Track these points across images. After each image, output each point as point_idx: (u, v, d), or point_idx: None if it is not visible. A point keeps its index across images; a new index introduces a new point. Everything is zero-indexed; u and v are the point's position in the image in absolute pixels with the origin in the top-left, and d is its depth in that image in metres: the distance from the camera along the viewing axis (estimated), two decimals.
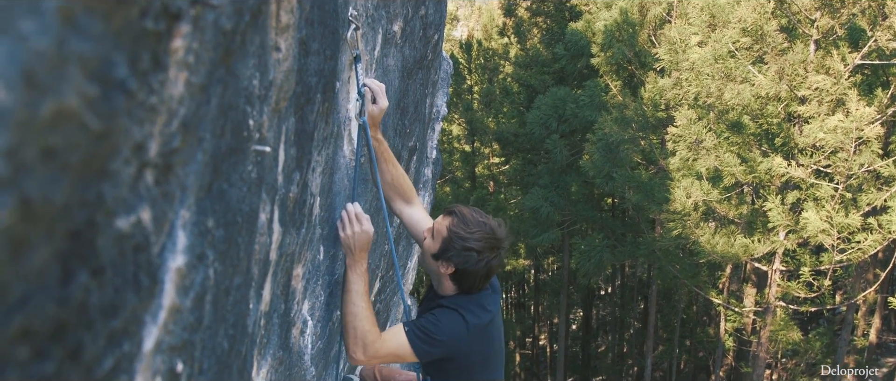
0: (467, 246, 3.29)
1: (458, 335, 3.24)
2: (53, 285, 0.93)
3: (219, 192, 1.66)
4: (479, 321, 3.31)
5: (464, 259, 3.30)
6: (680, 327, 28.16)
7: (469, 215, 3.36)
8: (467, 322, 3.27)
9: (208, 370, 1.80)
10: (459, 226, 3.33)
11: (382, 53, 4.40)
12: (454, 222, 3.35)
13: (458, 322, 3.26)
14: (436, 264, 3.41)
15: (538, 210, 21.76)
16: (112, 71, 0.95)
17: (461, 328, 3.25)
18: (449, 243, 3.32)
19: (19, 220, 0.82)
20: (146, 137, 1.15)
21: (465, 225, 3.32)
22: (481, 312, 3.35)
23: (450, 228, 3.34)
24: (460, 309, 3.30)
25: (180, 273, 1.43)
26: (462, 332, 3.25)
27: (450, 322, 3.25)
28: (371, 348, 3.20)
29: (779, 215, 15.66)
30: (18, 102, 0.77)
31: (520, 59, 27.02)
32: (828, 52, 15.42)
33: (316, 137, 3.16)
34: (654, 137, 19.90)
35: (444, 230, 3.35)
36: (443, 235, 3.35)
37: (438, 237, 3.38)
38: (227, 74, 1.60)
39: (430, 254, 3.43)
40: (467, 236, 3.29)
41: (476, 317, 3.30)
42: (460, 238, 3.30)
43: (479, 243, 3.29)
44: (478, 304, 3.38)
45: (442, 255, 3.36)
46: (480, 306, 3.38)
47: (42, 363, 0.94)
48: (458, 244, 3.30)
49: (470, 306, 3.34)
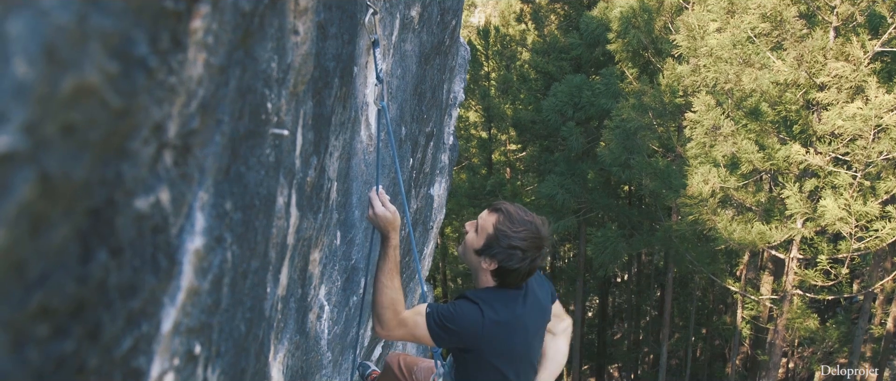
0: (513, 245, 3.26)
1: (473, 328, 3.22)
2: (73, 263, 0.93)
3: (237, 175, 1.66)
4: (498, 316, 3.28)
5: (508, 256, 3.28)
6: (696, 315, 28.08)
7: (515, 213, 3.33)
8: (484, 316, 3.24)
9: (226, 353, 1.81)
10: (505, 224, 3.30)
11: (400, 38, 4.39)
12: (500, 220, 3.32)
13: (475, 314, 3.24)
14: (477, 260, 3.38)
15: (554, 197, 21.70)
16: (133, 48, 0.95)
17: (476, 321, 3.23)
18: (494, 241, 3.29)
19: (39, 196, 0.81)
20: (165, 118, 1.14)
21: (511, 223, 3.29)
22: (503, 308, 3.32)
23: (496, 225, 3.31)
24: (481, 303, 3.27)
25: (198, 255, 1.43)
26: (477, 324, 3.23)
27: (466, 313, 3.24)
28: (391, 323, 3.20)
29: (796, 202, 15.56)
30: (39, 77, 0.77)
31: (537, 46, 26.90)
32: (847, 39, 15.28)
33: (333, 121, 3.16)
34: (672, 124, 19.80)
35: (491, 227, 3.32)
36: (488, 231, 3.32)
37: (483, 234, 3.35)
38: (246, 57, 1.60)
39: (472, 249, 3.40)
40: (513, 235, 3.26)
41: (495, 312, 3.28)
42: (506, 236, 3.27)
43: (524, 242, 3.26)
44: (503, 301, 3.35)
45: (486, 251, 3.33)
46: (505, 303, 3.35)
47: (61, 342, 0.94)
48: (504, 242, 3.27)
49: (493, 301, 3.31)
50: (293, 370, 3.41)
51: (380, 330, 3.25)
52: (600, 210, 24.54)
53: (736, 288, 20.76)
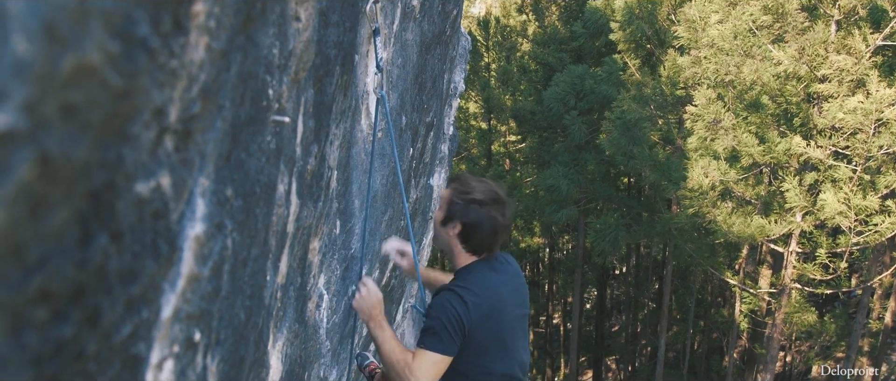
0: (470, 198, 3.28)
1: (458, 311, 3.18)
2: (73, 247, 0.92)
3: (237, 161, 1.65)
4: (480, 300, 3.24)
5: (467, 212, 3.29)
6: (694, 307, 28.10)
7: (468, 177, 3.41)
8: (466, 301, 3.20)
9: (225, 341, 1.80)
10: (460, 185, 3.36)
11: (401, 28, 4.37)
12: (455, 185, 3.38)
13: (456, 302, 3.19)
14: (444, 232, 3.38)
15: (556, 187, 21.69)
16: (134, 28, 0.94)
17: (460, 308, 3.19)
18: (452, 203, 3.31)
19: (39, 177, 0.80)
20: (166, 102, 1.13)
21: (465, 183, 3.35)
22: (482, 291, 3.28)
23: (452, 189, 3.36)
24: (458, 289, 3.23)
25: (199, 241, 1.42)
26: (461, 311, 3.19)
27: (447, 305, 3.18)
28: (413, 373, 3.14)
29: (796, 196, 15.55)
30: (39, 55, 0.76)
31: (538, 37, 26.87)
32: (849, 33, 15.25)
33: (334, 109, 3.15)
34: (672, 116, 19.79)
35: (448, 194, 3.37)
36: (446, 199, 3.36)
37: (443, 204, 3.37)
38: (248, 42, 1.59)
39: (438, 224, 3.41)
40: (469, 190, 3.30)
41: (476, 296, 3.23)
42: (463, 193, 3.30)
43: (481, 195, 3.29)
44: (480, 284, 3.31)
45: (448, 219, 3.34)
46: (482, 286, 3.31)
47: (60, 326, 0.93)
48: (461, 200, 3.29)
49: (470, 286, 3.27)
50: (292, 359, 3.40)
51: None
52: (600, 201, 24.56)
53: (734, 281, 20.77)
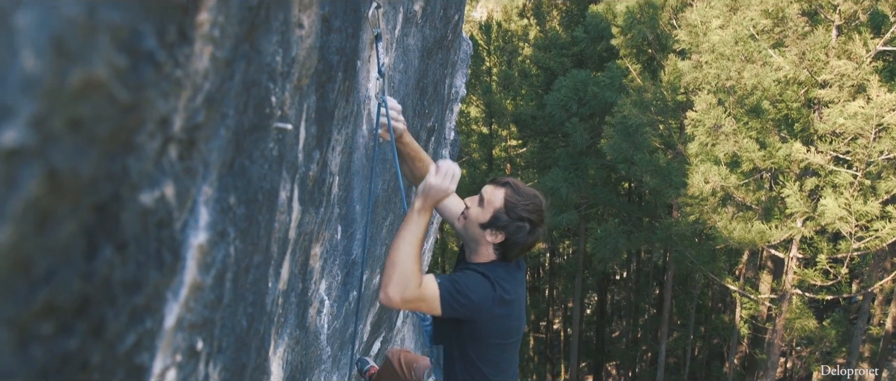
0: (522, 216, 3.29)
1: (484, 300, 3.21)
2: (79, 260, 0.92)
3: (241, 168, 1.65)
4: (507, 295, 3.30)
5: (516, 229, 3.30)
6: (695, 313, 28.06)
7: (521, 186, 3.36)
8: (495, 291, 3.24)
9: (227, 349, 1.80)
10: (514, 196, 3.31)
11: (403, 33, 4.37)
12: (508, 193, 3.33)
13: (488, 288, 3.23)
14: (481, 233, 3.37)
15: (557, 191, 21.67)
16: (141, 42, 0.94)
17: (489, 294, 3.22)
18: (502, 213, 3.30)
19: (46, 192, 0.80)
20: (171, 111, 1.13)
21: (519, 195, 3.32)
22: (509, 286, 3.33)
23: (506, 198, 3.31)
24: (491, 277, 3.27)
25: (202, 250, 1.42)
26: (488, 298, 3.22)
27: (480, 286, 3.22)
28: (408, 291, 3.11)
29: (797, 201, 15.55)
30: (48, 70, 0.76)
31: (539, 42, 26.85)
32: (850, 38, 15.26)
33: (336, 115, 3.15)
34: (673, 121, 19.77)
35: (499, 201, 3.32)
36: (496, 205, 3.32)
37: (490, 207, 3.33)
38: (251, 50, 1.59)
39: (477, 223, 3.37)
40: (522, 206, 3.29)
41: (504, 290, 3.28)
42: (515, 208, 3.29)
43: (532, 215, 3.30)
44: (509, 278, 3.37)
45: (492, 224, 3.33)
46: (510, 281, 3.37)
47: (66, 339, 0.93)
48: (514, 214, 3.29)
49: (501, 278, 3.31)
50: (293, 365, 3.40)
51: (396, 298, 3.12)
52: (601, 206, 24.54)
53: (735, 287, 20.74)
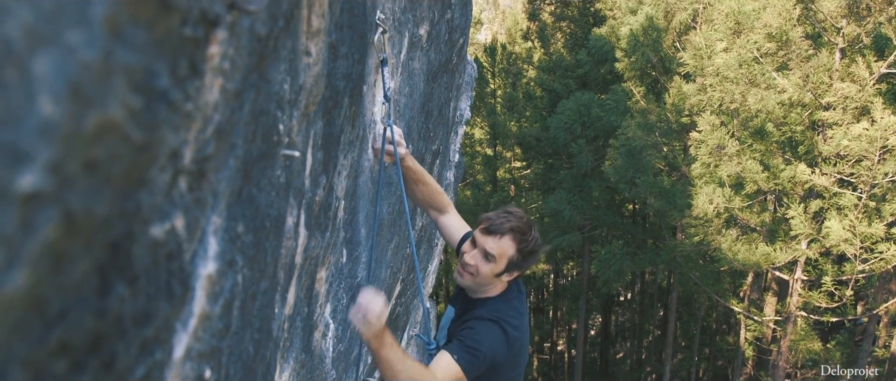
0: (530, 251, 3.35)
1: (499, 351, 3.20)
2: (92, 298, 0.93)
3: (248, 197, 1.65)
4: (518, 332, 3.32)
5: (527, 263, 3.40)
6: (699, 335, 27.98)
7: (519, 222, 3.36)
8: (507, 335, 3.23)
9: (234, 376, 1.80)
10: (523, 239, 3.34)
11: (408, 57, 4.39)
12: (517, 238, 3.33)
13: (500, 336, 3.21)
14: (497, 280, 3.40)
15: (560, 213, 21.67)
16: (155, 81, 0.95)
17: (502, 341, 3.21)
18: (520, 259, 3.34)
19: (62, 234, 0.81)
20: (181, 144, 1.14)
21: (525, 235, 3.34)
22: (516, 321, 3.35)
23: (518, 248, 3.33)
24: (501, 321, 3.26)
25: (211, 280, 1.43)
26: (503, 345, 3.21)
27: (492, 336, 3.20)
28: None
29: (801, 223, 15.53)
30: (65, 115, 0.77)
31: (543, 64, 26.92)
32: (853, 61, 15.29)
33: (342, 140, 3.16)
34: (678, 143, 19.79)
35: (511, 250, 3.33)
36: (508, 255, 3.33)
37: (502, 259, 3.33)
38: (260, 80, 1.60)
39: (492, 275, 3.37)
40: (534, 245, 3.36)
41: (514, 328, 3.29)
42: (530, 251, 3.36)
43: (537, 245, 3.37)
44: (515, 310, 3.39)
45: (508, 270, 3.36)
46: (517, 312, 3.39)
47: (78, 376, 0.93)
48: (524, 252, 3.34)
49: (508, 314, 3.33)
50: None
51: None
52: (605, 228, 24.52)
53: (740, 309, 20.69)
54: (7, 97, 0.72)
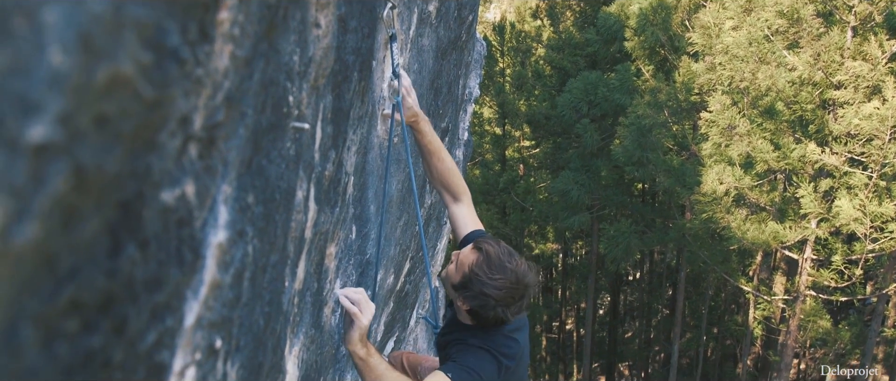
0: (485, 292, 3.06)
1: (493, 375, 3.12)
2: (103, 257, 0.92)
3: (259, 168, 1.65)
4: (512, 362, 3.19)
5: (481, 304, 3.10)
6: (708, 314, 27.98)
7: (495, 258, 3.09)
8: (500, 364, 3.12)
9: (245, 348, 1.80)
10: (482, 267, 3.08)
11: (417, 33, 4.37)
12: (478, 261, 3.11)
13: (492, 364, 3.11)
14: (455, 294, 3.21)
15: (568, 193, 21.64)
16: (165, 38, 0.94)
17: (494, 370, 3.12)
18: (468, 282, 3.11)
19: (72, 189, 0.80)
20: (191, 110, 1.13)
21: (488, 269, 3.07)
22: (512, 345, 3.23)
23: (472, 267, 3.11)
24: (493, 350, 3.15)
25: (221, 249, 1.42)
26: (497, 371, 3.13)
27: (485, 365, 3.10)
28: None
29: (811, 202, 15.48)
30: (75, 66, 0.76)
31: (552, 42, 26.81)
32: (865, 39, 15.20)
33: (351, 115, 3.15)
34: (687, 122, 19.73)
35: (467, 267, 3.13)
36: (464, 270, 3.14)
37: (461, 270, 3.17)
38: (270, 49, 1.59)
39: (451, 283, 3.23)
40: (487, 282, 3.05)
41: (508, 358, 3.17)
42: (480, 282, 3.07)
43: (498, 292, 3.06)
44: (505, 335, 3.24)
45: (460, 289, 3.16)
46: (509, 337, 3.25)
47: (90, 337, 0.93)
48: (477, 288, 3.08)
49: (500, 342, 3.20)
50: (308, 365, 3.40)
51: None
52: (613, 207, 24.50)
53: (749, 288, 20.68)
54: (16, 47, 0.71)
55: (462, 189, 3.78)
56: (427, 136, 3.64)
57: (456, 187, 3.76)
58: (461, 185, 3.77)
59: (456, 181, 3.75)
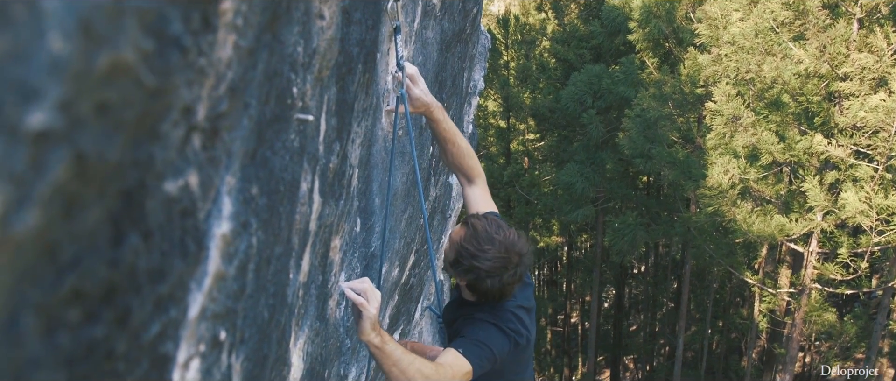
0: (474, 265, 3.11)
1: (502, 351, 3.12)
2: (105, 247, 0.92)
3: (262, 159, 1.64)
4: (520, 338, 3.23)
5: (474, 277, 3.14)
6: (713, 307, 27.98)
7: (482, 230, 3.14)
8: (510, 338, 3.17)
9: (249, 340, 1.80)
10: (470, 241, 3.13)
11: (422, 25, 4.36)
12: (466, 236, 3.16)
13: (502, 338, 3.15)
14: (451, 272, 3.27)
15: (573, 186, 21.62)
16: (167, 26, 0.93)
17: (505, 343, 3.16)
18: (459, 257, 3.16)
19: (74, 176, 0.80)
20: (194, 100, 1.13)
21: (475, 241, 3.13)
22: (517, 322, 3.26)
23: (461, 241, 3.16)
24: (500, 325, 3.19)
25: (225, 240, 1.42)
26: (505, 343, 3.15)
27: (494, 337, 3.13)
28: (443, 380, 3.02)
29: (817, 195, 15.45)
30: (75, 52, 0.75)
31: (557, 35, 26.77)
32: (871, 31, 15.15)
33: (356, 108, 3.15)
34: (692, 114, 19.70)
35: (457, 243, 3.18)
36: (455, 246, 3.19)
37: (452, 247, 3.21)
38: (274, 40, 1.58)
39: (447, 261, 3.28)
40: (477, 255, 3.10)
41: (516, 334, 3.22)
42: (469, 255, 3.12)
43: (488, 263, 3.10)
44: (512, 312, 3.27)
45: (453, 266, 3.21)
46: (515, 314, 3.28)
47: (92, 327, 0.93)
48: (466, 262, 3.13)
49: (507, 317, 3.23)
50: (313, 357, 3.40)
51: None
52: (618, 200, 24.48)
53: (754, 281, 20.65)
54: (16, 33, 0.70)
55: (476, 172, 3.82)
56: (442, 124, 3.64)
57: (470, 170, 3.80)
58: (475, 167, 3.81)
59: (470, 164, 3.79)
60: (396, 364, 2.86)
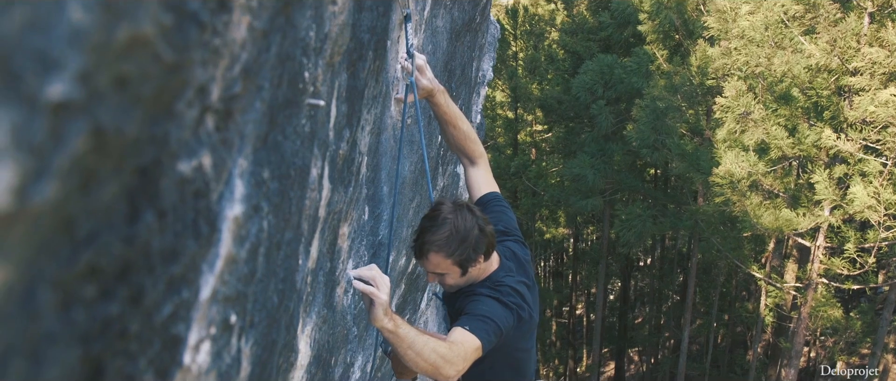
0: (476, 241, 3.20)
1: (506, 318, 3.18)
2: (120, 224, 0.91)
3: (274, 143, 1.64)
4: (522, 311, 3.29)
5: (483, 246, 3.23)
6: (718, 301, 27.94)
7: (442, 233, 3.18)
8: (509, 308, 3.21)
9: (259, 324, 1.80)
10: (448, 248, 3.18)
11: (432, 14, 4.35)
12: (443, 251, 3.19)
13: (505, 311, 3.19)
14: (469, 276, 3.32)
15: (583, 177, 21.57)
16: (186, 2, 0.93)
17: (508, 316, 3.19)
18: (467, 259, 3.22)
19: (92, 150, 0.79)
20: (209, 80, 1.12)
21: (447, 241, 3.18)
22: (516, 296, 3.30)
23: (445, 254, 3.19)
24: (502, 298, 3.24)
25: (237, 223, 1.42)
26: (508, 315, 3.19)
27: (497, 310, 3.18)
28: (454, 365, 3.02)
29: (825, 189, 15.39)
30: (95, 24, 0.75)
31: (566, 26, 26.69)
32: (882, 25, 15.07)
33: (366, 95, 3.14)
34: (701, 107, 19.65)
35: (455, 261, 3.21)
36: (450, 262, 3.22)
37: (450, 269, 3.25)
38: (287, 23, 1.58)
39: (462, 282, 3.34)
40: (469, 237, 3.18)
41: (518, 306, 3.27)
42: (469, 246, 3.19)
43: (474, 229, 3.18)
44: (510, 287, 3.32)
45: (466, 265, 3.25)
46: (514, 289, 3.33)
47: (107, 304, 0.93)
48: (472, 251, 3.20)
49: (505, 291, 3.28)
50: (320, 344, 3.40)
51: (459, 369, 3.04)
52: (626, 191, 24.44)
53: (760, 275, 20.61)
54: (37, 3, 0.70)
55: (478, 153, 3.90)
56: (442, 106, 3.73)
57: (472, 152, 3.89)
58: (477, 149, 3.90)
59: (472, 146, 3.87)
60: (411, 347, 2.88)
